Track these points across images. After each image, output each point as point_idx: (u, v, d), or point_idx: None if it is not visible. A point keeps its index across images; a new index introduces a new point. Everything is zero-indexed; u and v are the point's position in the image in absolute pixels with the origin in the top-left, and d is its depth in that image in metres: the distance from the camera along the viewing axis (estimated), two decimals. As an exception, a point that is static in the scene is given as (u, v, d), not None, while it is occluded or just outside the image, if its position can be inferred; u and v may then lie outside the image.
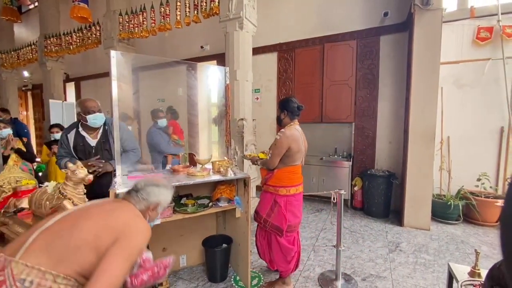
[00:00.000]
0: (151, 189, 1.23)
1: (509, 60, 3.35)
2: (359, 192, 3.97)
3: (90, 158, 2.05)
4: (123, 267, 0.95)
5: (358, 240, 3.02)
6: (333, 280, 2.22)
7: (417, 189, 3.29)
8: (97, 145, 2.10)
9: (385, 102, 4.02)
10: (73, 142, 2.04)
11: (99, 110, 2.06)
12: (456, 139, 3.69)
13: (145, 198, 1.20)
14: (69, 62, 6.94)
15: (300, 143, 2.02)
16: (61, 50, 5.67)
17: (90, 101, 2.05)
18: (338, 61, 4.25)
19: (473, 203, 3.32)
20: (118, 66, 2.07)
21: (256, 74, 4.55)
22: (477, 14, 3.48)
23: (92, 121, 2.03)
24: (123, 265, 0.94)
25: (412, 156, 3.30)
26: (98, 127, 2.11)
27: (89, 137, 2.09)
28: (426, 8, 3.12)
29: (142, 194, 1.20)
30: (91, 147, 2.08)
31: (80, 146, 2.05)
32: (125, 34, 4.61)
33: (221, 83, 2.75)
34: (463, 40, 3.58)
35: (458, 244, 2.90)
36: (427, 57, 3.19)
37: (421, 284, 2.18)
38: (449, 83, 3.65)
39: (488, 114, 3.50)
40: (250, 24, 3.58)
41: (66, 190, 1.32)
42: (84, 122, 2.03)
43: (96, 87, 7.07)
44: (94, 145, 2.09)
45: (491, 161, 3.51)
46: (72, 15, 4.14)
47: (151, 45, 5.77)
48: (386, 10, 3.86)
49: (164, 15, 4.06)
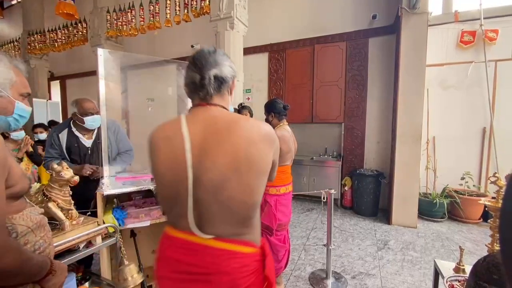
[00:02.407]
0: None
1: (490, 63, 3.48)
2: (349, 192, 4.03)
3: (85, 160, 1.98)
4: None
5: (348, 238, 3.07)
6: (324, 278, 2.24)
7: (405, 188, 3.37)
8: (93, 146, 2.03)
9: (373, 102, 4.10)
10: (66, 143, 1.94)
11: (97, 112, 1.95)
12: (441, 139, 3.80)
13: None
14: (54, 60, 6.72)
15: (291, 144, 2.04)
16: (46, 47, 5.49)
17: (88, 102, 1.95)
18: (328, 62, 4.30)
19: (457, 201, 3.43)
20: (106, 65, 2.02)
21: (247, 74, 4.55)
22: (461, 18, 3.60)
23: (89, 123, 1.95)
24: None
25: (399, 155, 3.38)
26: (94, 129, 2.03)
27: (83, 138, 2.00)
28: (412, 11, 3.21)
29: None
30: (86, 148, 2.00)
31: (75, 147, 1.96)
32: (113, 32, 4.51)
33: (212, 83, 2.73)
34: (448, 43, 3.70)
35: (443, 241, 2.99)
36: (413, 59, 3.27)
37: (408, 281, 2.23)
38: (435, 84, 3.76)
39: (472, 115, 3.63)
40: (241, 24, 3.57)
41: (51, 192, 1.28)
42: (81, 123, 1.95)
43: (82, 86, 6.88)
44: (90, 146, 2.02)
45: (474, 161, 3.64)
46: (58, 12, 4.00)
47: (140, 44, 5.67)
48: (375, 13, 3.94)
49: (153, 14, 4.00)
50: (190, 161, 0.72)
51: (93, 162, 2.02)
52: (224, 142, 0.72)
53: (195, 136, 0.74)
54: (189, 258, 0.75)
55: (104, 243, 1.45)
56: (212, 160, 0.71)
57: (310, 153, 4.55)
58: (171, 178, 0.75)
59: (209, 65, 0.77)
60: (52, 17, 5.33)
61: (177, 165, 0.73)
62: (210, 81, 0.77)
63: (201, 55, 0.79)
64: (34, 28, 5.69)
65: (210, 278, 0.73)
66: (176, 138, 0.75)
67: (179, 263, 0.76)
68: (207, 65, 0.77)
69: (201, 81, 0.77)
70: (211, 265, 0.72)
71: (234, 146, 0.71)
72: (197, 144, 0.73)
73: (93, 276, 1.62)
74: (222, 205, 0.72)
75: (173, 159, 0.74)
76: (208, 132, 0.74)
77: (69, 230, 1.26)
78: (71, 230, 1.26)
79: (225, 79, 0.80)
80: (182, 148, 0.73)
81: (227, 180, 0.70)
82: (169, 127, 0.80)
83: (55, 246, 1.18)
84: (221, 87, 0.80)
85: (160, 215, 1.94)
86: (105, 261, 1.79)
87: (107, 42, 4.77)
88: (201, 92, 0.78)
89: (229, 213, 0.73)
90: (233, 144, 0.71)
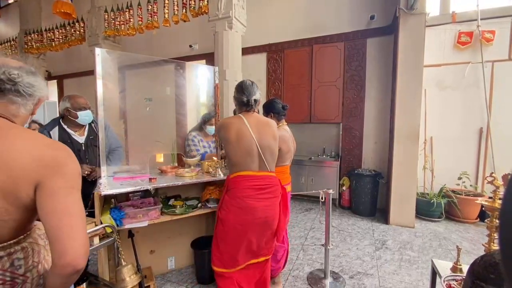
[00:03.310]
0: (31, 79, 0.80)
1: (487, 64, 3.50)
2: (347, 191, 4.04)
3: (80, 156, 1.99)
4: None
5: (346, 238, 3.07)
6: (322, 278, 2.25)
7: (402, 188, 3.39)
8: (86, 142, 2.04)
9: (371, 103, 4.12)
10: (59, 139, 1.94)
11: (89, 107, 2.02)
12: (438, 140, 3.82)
13: (31, 94, 0.80)
14: (51, 59, 6.68)
15: (290, 144, 2.04)
16: (43, 46, 5.46)
17: (81, 97, 2.00)
18: (327, 62, 4.31)
19: (455, 201, 3.45)
20: (104, 64, 2.02)
21: (245, 74, 4.53)
22: (458, 19, 3.62)
23: (83, 118, 1.98)
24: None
25: (397, 155, 3.39)
26: (85, 124, 2.05)
27: (75, 134, 2.01)
28: (410, 12, 3.22)
29: (26, 90, 0.78)
30: (79, 144, 2.01)
31: (68, 143, 1.95)
32: (110, 32, 4.49)
33: (210, 83, 2.74)
34: (445, 44, 3.72)
35: (440, 240, 3.00)
36: (411, 60, 3.29)
37: (406, 280, 2.24)
38: (432, 85, 3.78)
39: (469, 115, 3.65)
40: (239, 24, 3.57)
41: (47, 192, 1.27)
42: (74, 118, 1.96)
43: (80, 86, 6.84)
44: (83, 142, 2.03)
45: (471, 161, 3.66)
46: (55, 11, 3.97)
47: (138, 43, 5.65)
48: (373, 14, 3.95)
49: (151, 13, 3.98)
50: (254, 136, 1.53)
51: (88, 158, 2.02)
52: (267, 128, 1.59)
53: (251, 124, 1.56)
54: (262, 182, 1.54)
55: (102, 244, 1.45)
56: (264, 136, 1.56)
57: (309, 153, 4.56)
58: (244, 143, 1.52)
59: (252, 93, 1.63)
60: (50, 16, 5.30)
61: (247, 137, 1.52)
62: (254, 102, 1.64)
63: (246, 86, 1.65)
64: (31, 27, 5.65)
65: (270, 188, 1.56)
66: (242, 125, 1.54)
67: (257, 186, 1.53)
68: (251, 93, 1.63)
69: (248, 102, 1.62)
70: (272, 182, 1.57)
71: (271, 130, 1.61)
72: (255, 129, 1.55)
73: (91, 276, 1.61)
74: (270, 154, 1.58)
75: (243, 135, 1.52)
76: (258, 123, 1.59)
77: (66, 231, 1.25)
78: (68, 230, 1.25)
79: (258, 100, 1.67)
80: (247, 129, 1.53)
81: (270, 144, 1.58)
82: (233, 120, 1.60)
83: (52, 247, 1.17)
84: (256, 104, 1.66)
85: (158, 215, 1.94)
86: (103, 262, 1.78)
87: (105, 41, 4.75)
88: (248, 106, 1.63)
89: (271, 158, 1.60)
90: (271, 129, 1.61)
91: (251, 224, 1.51)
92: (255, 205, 1.48)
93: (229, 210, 1.52)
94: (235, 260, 1.58)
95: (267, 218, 1.52)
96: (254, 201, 1.48)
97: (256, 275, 1.71)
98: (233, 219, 1.52)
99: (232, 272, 1.60)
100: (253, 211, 1.48)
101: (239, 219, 1.50)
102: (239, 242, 1.55)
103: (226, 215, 1.53)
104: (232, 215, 1.52)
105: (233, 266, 1.59)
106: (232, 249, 1.56)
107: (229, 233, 1.54)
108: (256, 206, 1.48)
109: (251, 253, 1.63)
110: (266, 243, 1.64)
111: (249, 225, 1.50)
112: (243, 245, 1.56)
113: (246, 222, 1.51)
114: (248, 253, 1.62)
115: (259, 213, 1.49)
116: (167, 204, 2.14)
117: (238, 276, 1.63)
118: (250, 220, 1.50)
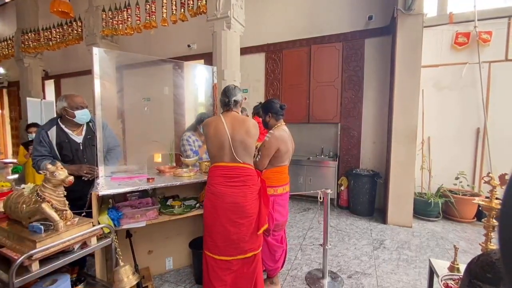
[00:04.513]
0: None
1: (484, 64, 3.53)
2: (345, 191, 4.05)
3: (78, 155, 1.97)
4: None
5: (344, 238, 3.08)
6: (320, 278, 2.25)
7: (400, 188, 3.40)
8: (84, 141, 2.02)
9: (369, 103, 4.13)
10: (56, 139, 1.93)
11: (86, 106, 2.01)
12: (436, 140, 3.84)
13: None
14: (49, 58, 6.64)
15: (288, 144, 2.04)
16: (40, 46, 5.41)
17: (78, 96, 1.99)
18: (325, 62, 4.32)
19: (452, 201, 3.46)
20: (101, 64, 2.01)
21: (244, 74, 4.54)
22: (455, 20, 3.64)
23: (80, 117, 1.96)
24: None
25: (395, 155, 3.41)
26: (83, 123, 2.04)
27: (73, 134, 1.99)
28: (408, 13, 3.23)
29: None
30: (77, 143, 2.00)
31: (65, 143, 1.95)
32: (108, 31, 4.47)
33: (209, 83, 2.73)
34: (442, 44, 3.74)
35: (438, 240, 3.02)
36: (409, 60, 3.30)
37: (404, 280, 2.25)
38: (430, 85, 3.80)
39: (466, 115, 3.68)
40: (238, 24, 3.56)
41: (44, 193, 1.26)
42: (71, 117, 1.94)
43: (77, 85, 6.81)
44: (81, 141, 2.01)
45: (468, 161, 3.69)
46: (52, 10, 3.94)
47: (135, 43, 5.63)
48: (371, 14, 3.97)
49: (149, 13, 3.97)
50: (228, 131, 1.69)
51: (86, 157, 2.01)
52: (241, 124, 1.72)
53: (227, 122, 1.72)
54: (232, 172, 1.69)
55: (99, 244, 1.44)
56: (237, 132, 1.69)
57: (307, 153, 4.56)
58: (219, 138, 1.69)
59: (232, 94, 1.80)
60: (47, 15, 5.26)
61: (221, 133, 1.69)
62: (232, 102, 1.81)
63: (229, 89, 1.82)
64: (28, 26, 5.60)
65: (242, 178, 1.70)
66: (219, 123, 1.72)
67: (227, 175, 1.69)
68: (231, 94, 1.80)
69: (228, 102, 1.80)
70: (242, 172, 1.70)
71: (245, 126, 1.72)
72: (229, 125, 1.71)
73: (88, 277, 1.60)
74: (243, 148, 1.70)
75: (218, 130, 1.70)
76: (233, 121, 1.73)
77: (64, 231, 1.24)
78: (65, 231, 1.25)
79: (238, 101, 1.83)
80: (223, 126, 1.70)
81: (243, 139, 1.69)
82: (213, 118, 1.81)
83: (49, 248, 1.16)
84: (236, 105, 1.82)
85: (156, 215, 1.93)
86: (100, 262, 1.77)
87: (103, 41, 4.72)
88: (228, 106, 1.81)
89: (244, 152, 1.71)
90: (245, 126, 1.72)
91: (221, 208, 1.68)
92: (224, 191, 1.68)
93: (207, 197, 1.75)
94: (215, 246, 1.71)
95: (236, 204, 1.67)
96: (223, 187, 1.68)
97: (245, 272, 1.74)
98: (209, 204, 1.74)
99: (219, 260, 1.71)
100: (222, 196, 1.67)
101: (212, 203, 1.71)
102: (214, 224, 1.71)
103: (206, 201, 1.75)
104: (208, 200, 1.74)
105: (217, 253, 1.71)
106: (211, 231, 1.73)
107: (208, 217, 1.75)
108: (225, 192, 1.68)
109: (234, 245, 1.69)
110: (246, 234, 1.70)
111: (219, 208, 1.69)
112: (218, 229, 1.70)
113: (217, 206, 1.70)
114: (231, 244, 1.69)
115: (227, 198, 1.67)
116: (165, 204, 2.13)
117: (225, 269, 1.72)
118: (220, 204, 1.69)
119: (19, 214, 1.28)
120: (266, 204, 1.83)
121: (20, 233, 1.22)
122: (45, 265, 1.17)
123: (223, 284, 1.71)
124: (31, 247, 1.14)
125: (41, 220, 1.27)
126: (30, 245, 1.15)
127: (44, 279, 1.30)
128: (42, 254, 1.13)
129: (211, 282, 1.72)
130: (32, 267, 1.12)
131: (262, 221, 1.77)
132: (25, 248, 1.14)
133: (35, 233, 1.20)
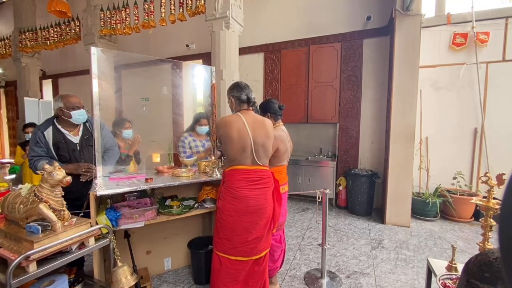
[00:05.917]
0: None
1: (482, 65, 3.54)
2: (343, 191, 4.06)
3: (75, 156, 1.96)
4: None
5: (343, 238, 3.09)
6: (319, 278, 2.25)
7: (398, 188, 3.41)
8: (81, 142, 2.01)
9: (368, 103, 4.14)
10: (53, 140, 1.91)
11: (83, 106, 1.99)
12: (434, 140, 3.86)
13: None
14: (46, 58, 6.61)
15: (287, 144, 2.04)
16: (37, 45, 5.38)
17: (74, 96, 1.97)
18: (323, 62, 4.33)
19: (450, 201, 3.48)
20: (99, 64, 2.00)
21: (242, 74, 4.54)
22: (453, 20, 3.66)
23: (76, 117, 1.94)
24: None
25: (393, 155, 3.42)
26: (80, 124, 2.02)
27: (69, 134, 1.98)
28: (406, 13, 3.24)
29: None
30: (74, 144, 1.98)
31: (62, 143, 1.93)
32: (106, 31, 4.45)
33: (207, 83, 2.72)
34: (440, 45, 3.75)
35: (436, 240, 3.03)
36: (407, 61, 3.31)
37: (402, 279, 2.26)
38: (427, 86, 3.82)
39: (463, 115, 3.69)
40: (237, 24, 3.56)
41: (42, 193, 1.25)
42: (67, 118, 1.93)
43: (75, 85, 6.77)
44: (78, 142, 2.00)
45: (466, 161, 3.70)
46: (50, 9, 3.92)
47: (134, 43, 5.61)
48: (369, 14, 3.98)
49: (148, 12, 3.96)
50: (250, 134, 1.64)
51: (83, 158, 2.00)
52: (262, 127, 1.70)
53: (248, 123, 1.66)
54: (254, 175, 1.68)
55: (97, 245, 1.43)
56: (259, 134, 1.67)
57: (305, 153, 4.57)
58: (243, 142, 1.63)
59: (250, 91, 1.78)
60: (44, 14, 5.24)
61: (245, 137, 1.63)
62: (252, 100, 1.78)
63: (244, 85, 1.79)
64: (25, 25, 5.57)
65: (263, 180, 1.70)
66: (241, 125, 1.65)
67: (249, 178, 1.67)
68: (250, 91, 1.78)
69: (248, 99, 1.76)
70: (263, 174, 1.70)
71: (266, 129, 1.72)
72: (251, 127, 1.66)
73: (86, 278, 1.60)
74: (263, 151, 1.70)
75: (242, 134, 1.63)
76: (254, 122, 1.69)
77: (61, 232, 1.24)
78: (63, 231, 1.24)
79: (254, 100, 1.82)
80: (245, 127, 1.65)
81: (264, 142, 1.69)
82: (234, 119, 1.68)
83: (47, 248, 1.16)
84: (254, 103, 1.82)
85: (154, 216, 1.93)
86: (98, 263, 1.76)
87: (101, 40, 4.70)
88: (247, 104, 1.77)
89: (264, 154, 1.71)
90: (265, 128, 1.72)
91: (245, 212, 1.64)
92: (248, 194, 1.63)
93: (225, 200, 1.67)
94: (233, 248, 1.67)
95: (259, 206, 1.65)
96: (247, 191, 1.64)
97: (256, 271, 1.74)
98: (229, 207, 1.66)
99: (235, 260, 1.68)
100: (246, 200, 1.63)
101: (234, 207, 1.65)
102: (235, 228, 1.66)
103: (223, 204, 1.68)
104: (228, 204, 1.67)
105: (233, 254, 1.68)
106: (231, 235, 1.67)
107: (226, 220, 1.68)
108: (248, 195, 1.64)
109: (252, 245, 1.68)
110: (263, 234, 1.70)
111: (242, 212, 1.64)
112: (239, 232, 1.66)
113: (240, 210, 1.64)
114: (249, 245, 1.67)
115: (251, 201, 1.64)
116: (163, 204, 2.13)
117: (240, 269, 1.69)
118: (244, 208, 1.64)
119: (16, 215, 1.27)
120: (280, 203, 1.83)
121: (18, 234, 1.21)
122: (43, 266, 1.17)
123: (235, 283, 1.71)
124: (28, 247, 1.13)
125: (39, 221, 1.26)
126: (27, 245, 1.14)
127: (42, 280, 1.30)
128: (39, 255, 1.13)
129: (223, 282, 1.69)
130: (30, 267, 1.11)
131: (275, 220, 1.79)
132: (23, 249, 1.14)
133: (33, 234, 1.19)
